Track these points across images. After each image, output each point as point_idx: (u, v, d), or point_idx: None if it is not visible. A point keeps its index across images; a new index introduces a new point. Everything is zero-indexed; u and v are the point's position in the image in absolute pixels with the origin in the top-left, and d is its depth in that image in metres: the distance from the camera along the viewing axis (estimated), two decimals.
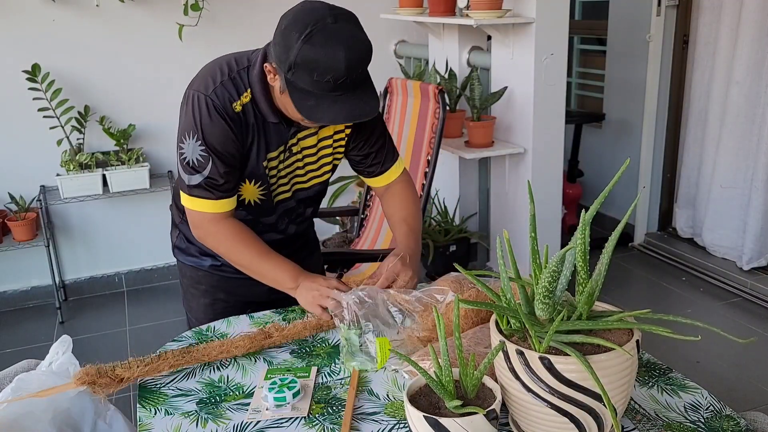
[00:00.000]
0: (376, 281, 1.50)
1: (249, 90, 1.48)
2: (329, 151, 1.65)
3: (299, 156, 1.61)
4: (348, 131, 1.64)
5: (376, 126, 1.67)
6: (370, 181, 1.77)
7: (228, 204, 1.54)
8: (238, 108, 1.47)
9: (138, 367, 1.29)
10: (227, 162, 1.48)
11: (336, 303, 1.44)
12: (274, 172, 1.59)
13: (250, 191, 1.60)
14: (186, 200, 1.54)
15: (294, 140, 1.58)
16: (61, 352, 1.35)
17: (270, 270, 1.56)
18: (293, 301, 1.56)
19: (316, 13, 1.32)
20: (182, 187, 1.53)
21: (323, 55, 1.30)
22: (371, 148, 1.68)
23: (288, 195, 1.66)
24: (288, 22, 1.34)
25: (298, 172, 1.64)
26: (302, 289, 1.51)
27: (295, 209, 1.70)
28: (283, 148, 1.57)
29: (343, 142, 1.65)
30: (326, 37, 1.30)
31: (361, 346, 1.35)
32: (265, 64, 1.43)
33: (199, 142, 1.46)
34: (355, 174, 1.83)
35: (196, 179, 1.49)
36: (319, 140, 1.61)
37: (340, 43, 1.30)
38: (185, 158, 1.49)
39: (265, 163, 1.56)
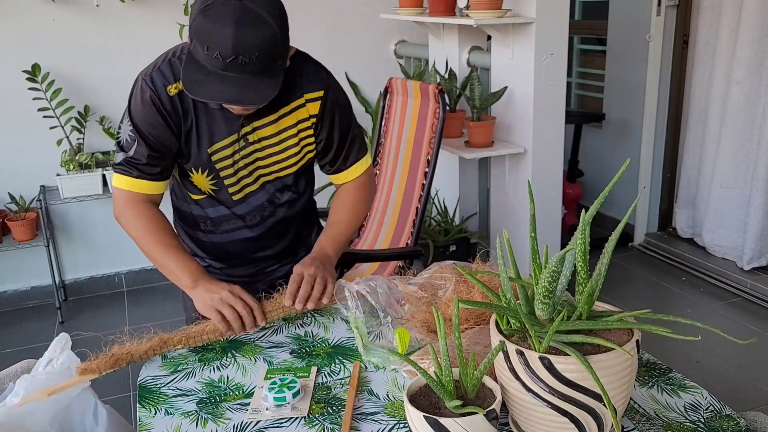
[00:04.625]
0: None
1: None
2: (294, 141, 1.58)
3: (258, 146, 1.55)
4: (313, 120, 1.57)
5: (342, 118, 1.61)
6: (331, 178, 1.71)
7: (147, 186, 1.53)
8: (173, 91, 1.45)
9: (136, 345, 1.33)
10: (153, 146, 1.48)
11: (236, 315, 1.38)
12: (228, 162, 1.55)
13: (201, 181, 1.58)
14: (113, 178, 1.55)
15: (248, 128, 1.52)
16: (59, 349, 1.35)
17: (171, 263, 1.51)
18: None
19: None
20: (113, 166, 1.55)
21: (212, 27, 1.27)
22: (334, 141, 1.62)
23: (255, 187, 1.62)
24: None
25: (260, 163, 1.58)
26: (201, 289, 1.45)
27: (265, 203, 1.64)
28: (236, 136, 1.52)
29: (310, 131, 1.59)
30: (222, 11, 1.26)
31: (370, 334, 1.36)
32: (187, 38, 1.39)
33: (129, 124, 1.48)
34: None
35: (121, 156, 1.51)
36: (281, 130, 1.56)
37: (232, 18, 1.26)
38: (119, 137, 1.51)
39: (211, 151, 1.52)
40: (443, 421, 0.95)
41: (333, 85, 1.60)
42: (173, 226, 1.71)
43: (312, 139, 1.61)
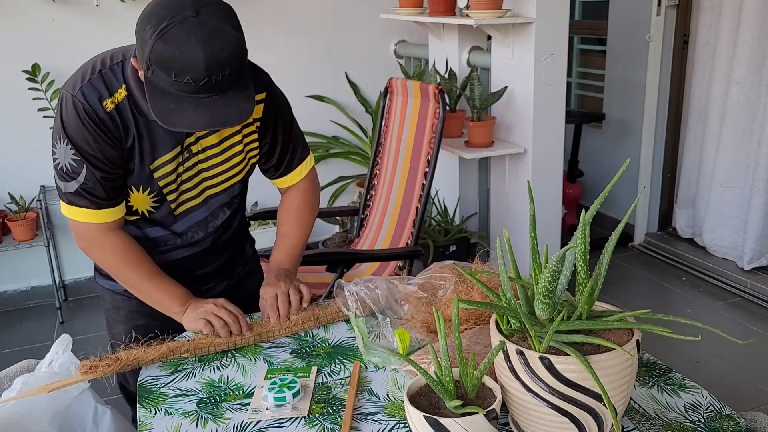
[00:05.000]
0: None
1: (124, 86, 1.35)
2: (239, 148, 1.51)
3: (202, 156, 1.47)
4: (258, 124, 1.51)
5: (284, 118, 1.55)
6: (277, 182, 1.65)
7: (111, 214, 1.42)
8: (109, 107, 1.34)
9: (139, 349, 1.31)
10: (103, 168, 1.36)
11: (222, 323, 1.39)
12: (172, 177, 1.45)
13: (140, 200, 1.46)
14: (65, 209, 1.42)
15: (192, 139, 1.43)
16: (61, 350, 1.35)
17: (156, 291, 1.46)
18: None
19: (177, 5, 1.19)
20: (59, 195, 1.41)
21: (178, 53, 1.16)
22: (278, 143, 1.56)
23: (198, 201, 1.53)
24: (145, 14, 1.21)
25: (205, 174, 1.50)
26: (189, 311, 1.44)
27: (208, 218, 1.57)
28: (179, 149, 1.42)
29: (255, 136, 1.53)
30: (183, 32, 1.16)
31: (370, 334, 1.36)
32: (132, 59, 1.30)
33: (70, 146, 1.34)
34: (356, 174, 1.80)
35: (72, 186, 1.37)
36: (225, 138, 1.48)
37: (198, 39, 1.16)
38: (58, 164, 1.36)
39: (153, 167, 1.42)
40: (443, 421, 0.95)
41: (273, 86, 1.53)
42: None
43: (256, 144, 1.54)
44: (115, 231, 1.45)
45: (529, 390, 0.97)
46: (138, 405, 1.24)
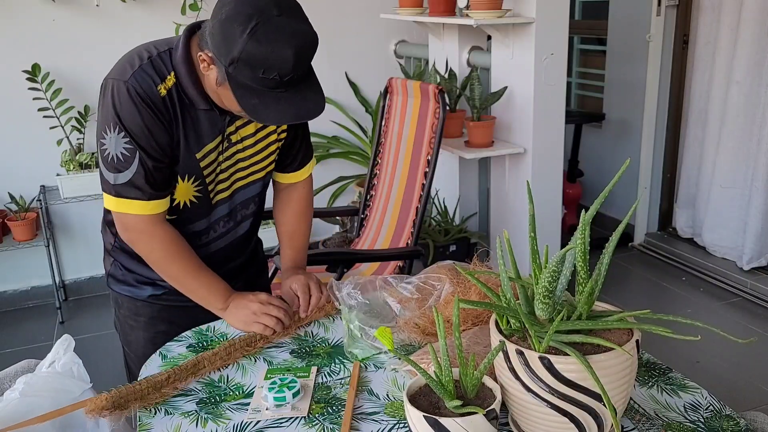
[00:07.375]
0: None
1: (173, 73, 1.36)
2: (273, 138, 1.54)
3: (240, 146, 1.50)
4: None
5: None
6: (282, 176, 1.66)
7: (161, 205, 1.42)
8: (162, 92, 1.35)
9: (149, 393, 1.25)
10: (155, 155, 1.36)
11: (276, 320, 1.42)
12: (213, 165, 1.47)
13: (184, 190, 1.46)
14: (112, 202, 1.40)
15: (232, 128, 1.46)
16: (62, 351, 1.36)
17: (200, 288, 1.47)
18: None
19: (259, 3, 1.22)
20: (106, 188, 1.39)
21: (270, 52, 1.21)
22: (299, 138, 1.60)
23: (227, 194, 1.55)
24: (229, 12, 1.23)
25: (241, 165, 1.52)
26: (233, 308, 1.45)
27: (233, 212, 1.59)
28: (221, 138, 1.45)
29: (284, 126, 1.56)
30: (273, 32, 1.21)
31: (361, 333, 1.36)
32: (199, 53, 1.32)
33: (122, 134, 1.33)
34: (356, 174, 1.80)
35: (123, 177, 1.36)
36: (261, 128, 1.51)
37: (288, 39, 1.22)
38: (108, 154, 1.35)
39: (200, 155, 1.43)
40: (443, 421, 0.95)
41: None
42: (111, 250, 1.61)
43: (285, 135, 1.58)
44: (163, 223, 1.44)
45: (529, 390, 0.97)
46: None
